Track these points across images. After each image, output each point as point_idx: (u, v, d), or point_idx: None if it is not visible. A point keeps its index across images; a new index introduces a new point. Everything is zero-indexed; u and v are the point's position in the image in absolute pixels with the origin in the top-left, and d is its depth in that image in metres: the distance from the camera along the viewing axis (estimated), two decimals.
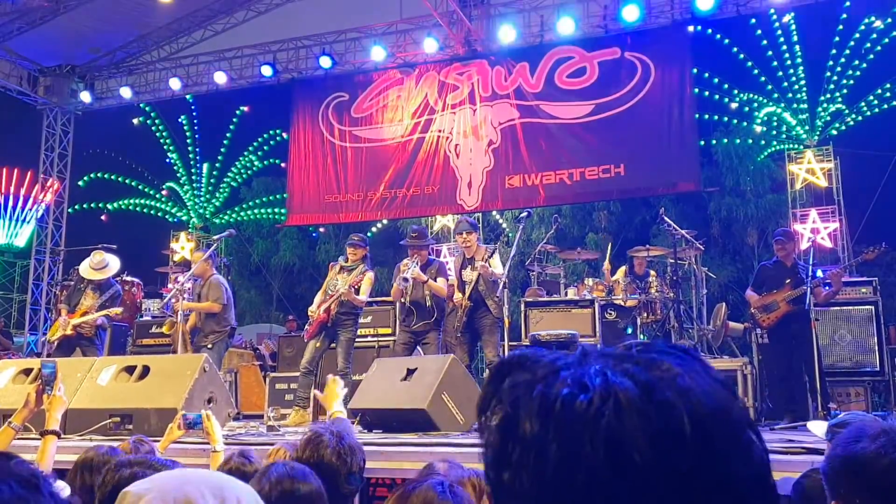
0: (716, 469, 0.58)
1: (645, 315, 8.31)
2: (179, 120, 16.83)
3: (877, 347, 7.49)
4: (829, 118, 12.37)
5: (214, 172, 17.54)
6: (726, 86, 13.41)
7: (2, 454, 1.01)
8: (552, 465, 0.59)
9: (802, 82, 12.41)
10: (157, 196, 17.71)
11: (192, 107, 16.37)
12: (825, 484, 1.53)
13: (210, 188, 17.43)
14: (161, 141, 16.88)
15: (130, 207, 17.81)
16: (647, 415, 0.58)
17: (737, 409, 0.61)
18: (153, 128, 16.56)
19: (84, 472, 2.69)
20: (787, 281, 6.67)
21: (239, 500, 1.16)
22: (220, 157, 17.58)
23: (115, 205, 17.72)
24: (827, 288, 6.68)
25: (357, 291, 7.05)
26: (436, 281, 7.09)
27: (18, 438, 3.59)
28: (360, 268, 7.16)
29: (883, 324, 7.66)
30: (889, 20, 11.72)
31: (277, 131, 16.87)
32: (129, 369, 5.83)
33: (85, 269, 8.17)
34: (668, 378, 0.60)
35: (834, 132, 12.23)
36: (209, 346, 7.54)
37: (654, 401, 0.58)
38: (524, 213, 7.35)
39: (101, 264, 8.07)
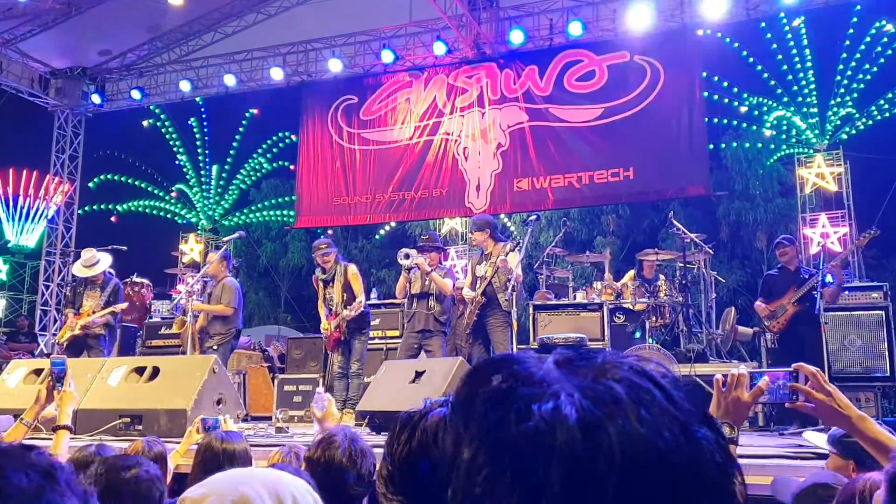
0: None
1: (654, 319, 8.29)
2: (189, 122, 16.90)
3: (887, 353, 7.43)
4: (839, 122, 12.32)
5: (223, 174, 17.60)
6: (736, 89, 13.37)
7: (22, 445, 1.03)
8: (480, 486, 0.59)
9: (812, 86, 12.37)
10: (167, 198, 17.77)
11: (202, 109, 16.44)
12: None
13: (219, 190, 17.49)
14: (171, 143, 16.96)
15: (140, 209, 17.88)
16: (578, 456, 0.56)
17: (693, 458, 0.59)
18: (163, 130, 16.63)
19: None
20: (793, 286, 6.69)
21: (294, 497, 1.16)
22: (229, 160, 17.64)
23: (125, 206, 17.80)
24: (832, 281, 6.68)
25: (352, 295, 7.15)
26: (442, 279, 7.19)
27: (29, 438, 3.61)
28: (339, 269, 7.26)
29: (893, 329, 7.60)
30: None
31: (286, 134, 16.92)
32: (140, 370, 5.86)
33: (77, 268, 8.23)
34: (618, 417, 0.58)
35: (844, 136, 12.18)
36: (214, 346, 7.56)
37: (593, 442, 0.57)
38: (533, 217, 7.37)
39: (92, 261, 8.11)
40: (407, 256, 7.17)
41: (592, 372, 0.62)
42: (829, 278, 6.86)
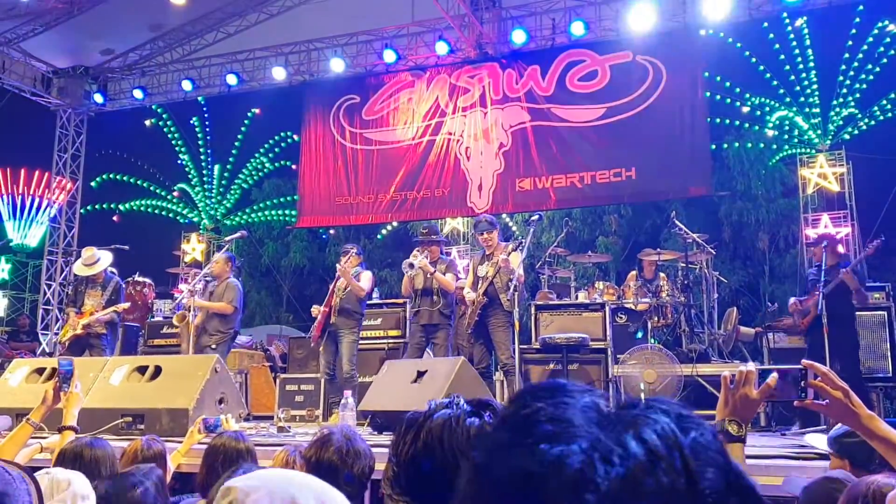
0: None
1: (656, 319, 8.28)
2: (191, 121, 16.91)
3: (889, 353, 7.44)
4: (841, 122, 12.31)
5: (225, 174, 17.62)
6: (738, 90, 13.36)
7: None
8: None
9: (815, 86, 12.36)
10: (169, 197, 17.79)
11: (204, 108, 16.45)
12: None
13: (221, 190, 17.50)
14: (173, 142, 16.97)
15: (142, 208, 17.91)
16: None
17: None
18: (165, 129, 16.65)
19: (65, 464, 2.74)
20: (823, 284, 6.66)
21: None
22: (231, 159, 17.66)
23: (127, 205, 17.83)
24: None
25: (357, 280, 7.33)
26: (444, 275, 7.21)
27: (35, 437, 3.62)
28: (357, 269, 7.46)
29: None
30: None
31: (289, 133, 16.93)
32: (142, 369, 5.86)
33: (78, 267, 8.22)
34: (620, 478, 0.54)
35: (846, 136, 12.17)
36: (213, 346, 7.54)
37: (579, 500, 0.53)
38: (535, 217, 7.37)
39: (92, 259, 8.10)
40: (411, 266, 7.23)
41: (623, 425, 0.58)
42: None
